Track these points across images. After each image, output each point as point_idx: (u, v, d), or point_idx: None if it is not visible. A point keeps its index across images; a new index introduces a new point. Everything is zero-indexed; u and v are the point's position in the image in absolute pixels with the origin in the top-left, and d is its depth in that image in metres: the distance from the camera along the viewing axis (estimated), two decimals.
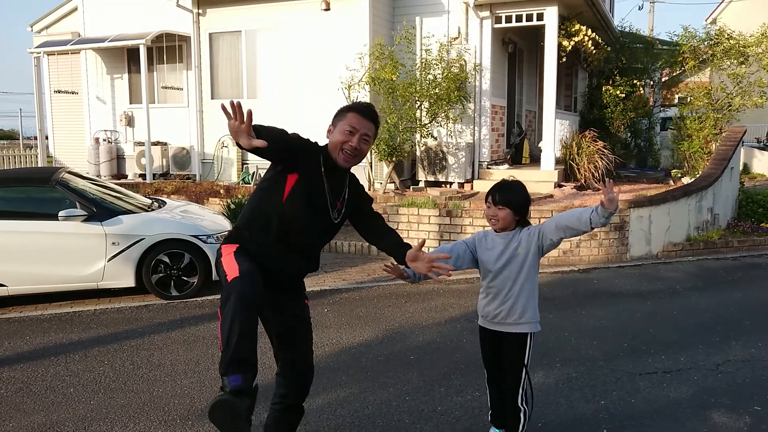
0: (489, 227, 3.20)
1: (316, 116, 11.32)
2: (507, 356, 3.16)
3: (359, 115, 2.75)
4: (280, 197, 2.71)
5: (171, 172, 12.80)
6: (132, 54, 13.10)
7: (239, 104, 2.31)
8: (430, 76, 10.35)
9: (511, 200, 3.06)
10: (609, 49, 12.93)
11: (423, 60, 10.45)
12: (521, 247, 3.07)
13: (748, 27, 12.37)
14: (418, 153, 11.17)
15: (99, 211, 6.54)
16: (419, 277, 2.96)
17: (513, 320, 3.11)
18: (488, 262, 3.14)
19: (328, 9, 10.90)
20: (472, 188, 10.87)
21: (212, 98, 12.39)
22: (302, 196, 2.71)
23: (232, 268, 2.52)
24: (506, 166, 11.59)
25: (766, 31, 11.75)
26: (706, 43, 12.74)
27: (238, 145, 2.41)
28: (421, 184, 11.17)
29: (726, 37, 12.13)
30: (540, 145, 11.22)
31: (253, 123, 2.36)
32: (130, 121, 13.49)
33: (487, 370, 3.32)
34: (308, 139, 2.76)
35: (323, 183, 2.76)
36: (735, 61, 11.97)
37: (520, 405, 3.15)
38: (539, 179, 10.60)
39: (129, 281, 6.58)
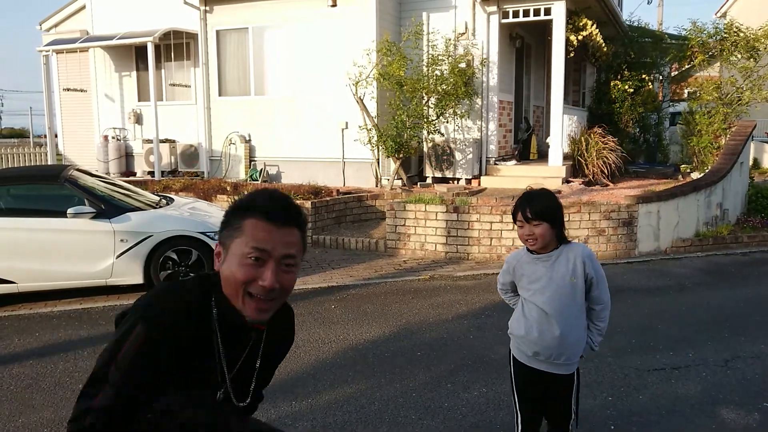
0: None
1: (324, 113, 11.35)
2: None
3: (269, 223, 1.52)
4: None
5: (179, 170, 12.85)
6: (140, 52, 13.14)
7: None
8: (438, 72, 10.33)
9: (545, 211, 2.59)
10: (614, 45, 12.85)
11: (430, 56, 10.43)
12: (572, 274, 2.61)
13: (758, 20, 12.25)
14: (425, 149, 11.16)
15: (107, 208, 6.57)
16: None
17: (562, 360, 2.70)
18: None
19: (335, 5, 10.89)
20: (479, 184, 10.85)
21: (220, 95, 12.42)
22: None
23: None
24: (514, 162, 11.56)
25: None
26: (715, 37, 12.63)
27: None
28: (429, 181, 11.16)
29: (735, 30, 12.03)
30: (548, 140, 11.17)
31: None
32: (138, 119, 13.54)
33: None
34: (170, 312, 1.52)
35: (216, 359, 1.60)
36: (745, 54, 11.87)
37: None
38: (547, 175, 10.56)
39: (137, 278, 6.61)
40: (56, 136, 14.89)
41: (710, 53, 12.79)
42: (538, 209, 2.58)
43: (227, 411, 1.62)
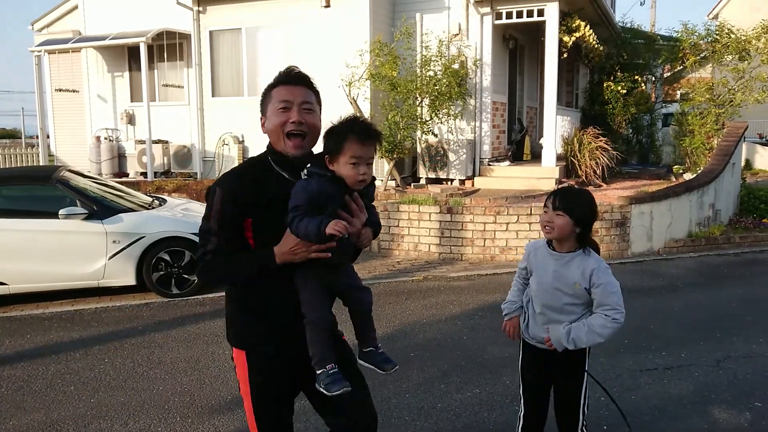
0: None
1: None
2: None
3: (286, 85, 2.23)
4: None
5: (172, 171, 12.80)
6: (133, 52, 13.08)
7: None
8: (431, 73, 10.33)
9: (574, 208, 2.58)
10: (607, 46, 12.89)
11: (423, 56, 10.43)
12: (578, 281, 2.61)
13: (750, 22, 12.31)
14: (418, 150, 11.16)
15: (99, 209, 6.55)
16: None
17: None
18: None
19: (328, 6, 10.88)
20: (473, 185, 10.86)
21: (213, 96, 12.39)
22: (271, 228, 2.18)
23: None
24: (507, 162, 11.57)
25: (766, 26, 11.69)
26: (706, 39, 12.69)
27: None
28: (422, 181, 11.16)
29: (726, 32, 12.09)
30: (541, 141, 11.19)
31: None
32: (131, 120, 13.48)
33: None
34: (232, 174, 2.24)
35: (291, 184, 2.17)
36: (736, 56, 11.93)
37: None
38: (540, 176, 10.59)
39: (130, 279, 6.59)
40: (48, 136, 14.81)
41: (702, 55, 12.85)
42: (568, 204, 2.59)
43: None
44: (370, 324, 2.33)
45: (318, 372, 2.19)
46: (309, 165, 2.18)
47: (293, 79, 2.24)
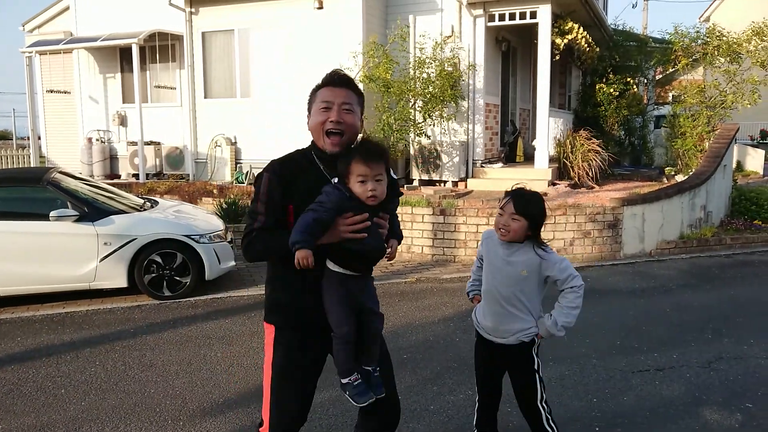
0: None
1: None
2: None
3: (330, 87, 2.41)
4: None
5: (164, 172, 12.76)
6: (125, 53, 13.04)
7: None
8: (424, 75, 10.34)
9: (532, 212, 2.76)
10: (600, 49, 12.93)
11: (417, 58, 10.44)
12: (526, 269, 2.81)
13: (741, 25, 12.38)
14: (411, 151, 11.16)
15: (91, 211, 6.51)
16: None
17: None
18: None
19: (321, 7, 10.87)
20: (466, 187, 10.87)
21: (205, 97, 12.35)
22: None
23: None
24: (500, 164, 11.59)
25: (756, 29, 11.77)
26: (698, 41, 12.76)
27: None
28: (415, 183, 11.16)
29: (717, 35, 12.16)
30: (534, 143, 11.22)
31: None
32: (123, 121, 13.43)
33: None
34: (278, 161, 2.45)
35: (328, 181, 2.38)
36: (727, 58, 12.00)
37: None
38: (533, 177, 10.60)
39: (121, 281, 6.55)
40: (39, 138, 14.74)
41: (693, 57, 12.92)
42: (526, 208, 2.75)
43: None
44: (374, 346, 2.49)
45: (343, 382, 2.43)
46: (336, 180, 2.36)
47: (337, 81, 2.43)
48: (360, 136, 2.44)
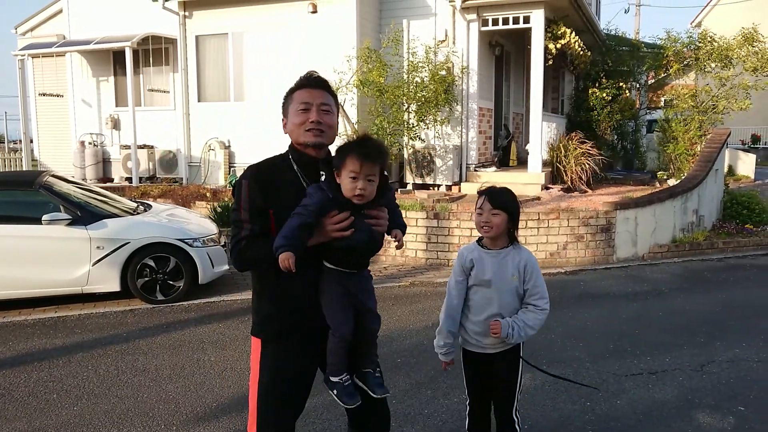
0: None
1: None
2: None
3: (307, 88, 2.39)
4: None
5: (157, 176, 12.72)
6: (118, 56, 13.00)
7: None
8: (418, 79, 10.37)
9: (509, 205, 2.82)
10: (591, 53, 13.01)
11: (410, 63, 10.46)
12: (514, 273, 2.82)
13: (732, 30, 12.48)
14: (405, 155, 11.17)
15: (83, 215, 6.48)
16: None
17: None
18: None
19: (315, 11, 10.89)
20: (459, 191, 10.89)
21: (199, 101, 12.33)
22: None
23: None
24: (494, 168, 11.62)
25: (747, 35, 11.87)
26: (689, 47, 12.85)
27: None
28: (409, 187, 11.17)
29: (709, 40, 12.25)
30: (527, 147, 11.26)
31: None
32: (116, 124, 13.38)
33: None
34: (255, 166, 2.41)
35: (303, 186, 2.35)
36: (719, 63, 12.09)
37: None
38: (526, 181, 10.64)
39: (114, 285, 6.53)
40: (32, 141, 14.67)
41: (685, 62, 13.01)
42: (501, 200, 2.81)
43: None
44: (373, 347, 2.49)
45: (333, 380, 2.40)
46: (322, 179, 2.32)
47: (313, 82, 2.41)
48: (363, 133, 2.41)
